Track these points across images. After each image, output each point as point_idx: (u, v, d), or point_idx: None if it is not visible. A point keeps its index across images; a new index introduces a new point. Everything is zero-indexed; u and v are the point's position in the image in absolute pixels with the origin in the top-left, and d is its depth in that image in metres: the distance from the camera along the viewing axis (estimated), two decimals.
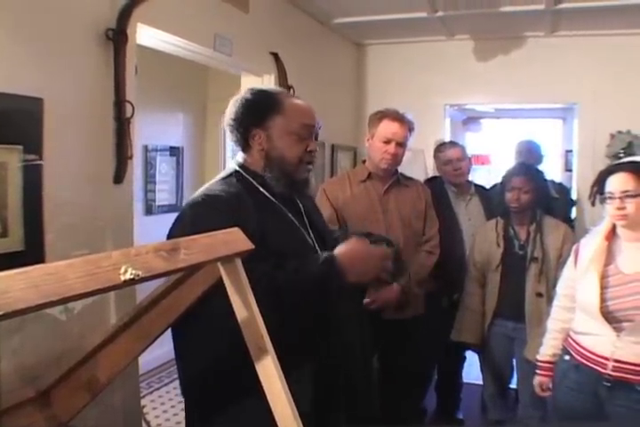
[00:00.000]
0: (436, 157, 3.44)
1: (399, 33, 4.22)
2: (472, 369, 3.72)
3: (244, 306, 1.21)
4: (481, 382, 3.13)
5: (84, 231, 2.01)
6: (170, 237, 1.51)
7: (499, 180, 2.92)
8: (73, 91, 1.97)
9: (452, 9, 3.50)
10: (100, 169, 2.09)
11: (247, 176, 1.58)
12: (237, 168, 1.62)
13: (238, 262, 1.19)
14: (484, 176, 6.98)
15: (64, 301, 0.77)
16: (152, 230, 4.18)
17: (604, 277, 1.99)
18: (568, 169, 6.10)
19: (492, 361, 2.94)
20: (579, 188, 4.18)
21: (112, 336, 1.38)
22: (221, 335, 1.38)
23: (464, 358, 3.61)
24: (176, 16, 2.42)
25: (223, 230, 1.18)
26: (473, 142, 7.34)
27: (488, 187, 3.56)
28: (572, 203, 3.99)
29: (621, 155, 3.83)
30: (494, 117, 7.19)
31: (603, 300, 1.95)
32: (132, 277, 0.86)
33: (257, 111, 1.56)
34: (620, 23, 3.73)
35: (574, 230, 3.11)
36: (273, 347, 1.15)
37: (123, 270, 0.86)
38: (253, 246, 1.20)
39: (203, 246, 1.07)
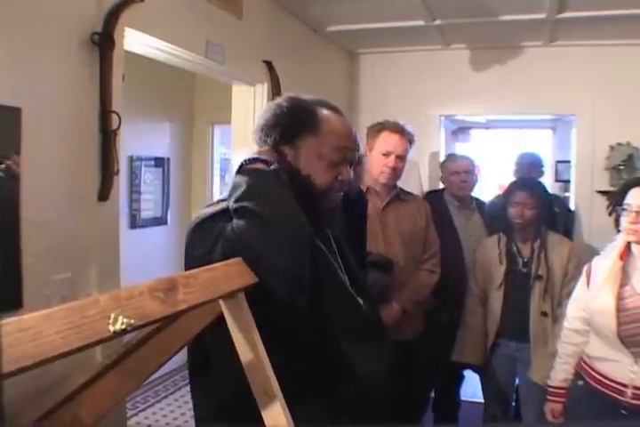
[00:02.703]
0: (443, 167, 3.40)
1: (393, 42, 4.11)
2: (468, 387, 3.65)
3: (248, 346, 1.08)
4: (479, 400, 3.03)
5: (65, 253, 1.85)
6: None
7: (487, 189, 2.86)
8: (54, 100, 1.81)
9: (451, 17, 3.39)
10: (84, 185, 1.93)
11: None
12: None
13: (241, 298, 1.05)
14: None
15: (41, 364, 0.63)
16: (137, 245, 4.09)
17: (619, 299, 1.92)
18: (558, 180, 6.05)
19: (495, 382, 2.85)
20: (577, 201, 4.10)
21: (99, 374, 1.24)
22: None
23: (462, 377, 3.53)
24: (166, 21, 2.28)
25: (224, 262, 1.05)
26: (462, 153, 7.26)
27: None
28: (571, 214, 3.90)
29: (621, 167, 3.77)
30: (484, 128, 7.12)
31: (620, 323, 1.86)
32: (123, 326, 0.72)
33: (289, 125, 1.35)
34: (619, 33, 3.65)
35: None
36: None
37: (112, 319, 0.72)
38: (257, 279, 1.07)
39: (203, 283, 0.93)
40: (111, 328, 0.71)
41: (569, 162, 5.44)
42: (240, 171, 1.26)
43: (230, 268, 1.04)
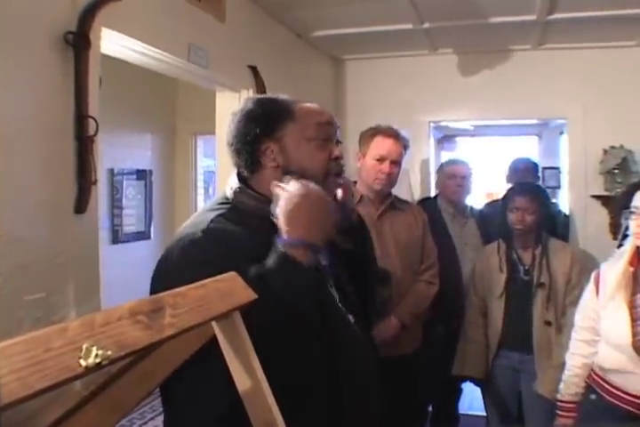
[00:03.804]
0: (440, 171, 3.35)
1: (380, 47, 4.04)
2: (465, 399, 3.60)
3: (245, 372, 0.94)
4: (476, 413, 2.92)
5: (40, 271, 1.70)
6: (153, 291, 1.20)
7: (474, 197, 2.83)
8: (25, 103, 1.68)
9: (439, 20, 3.32)
10: (59, 197, 1.78)
11: (253, 202, 1.29)
12: (232, 197, 1.30)
13: (237, 317, 0.92)
14: None
15: None
16: (120, 261, 3.93)
17: (632, 308, 1.82)
18: (545, 186, 6.02)
19: (498, 396, 2.74)
20: (571, 206, 4.02)
21: (76, 407, 1.10)
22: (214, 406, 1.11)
23: (460, 390, 3.48)
24: (146, 21, 2.15)
25: (217, 277, 0.92)
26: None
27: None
28: (566, 219, 3.82)
29: (616, 171, 3.70)
30: (469, 135, 7.07)
31: (634, 333, 1.76)
32: (98, 360, 0.59)
33: (264, 120, 1.29)
34: (608, 35, 3.61)
35: None
36: None
37: (84, 351, 0.58)
38: (256, 296, 0.95)
39: (193, 302, 0.80)
40: (83, 363, 0.58)
41: (556, 168, 5.42)
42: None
43: (223, 284, 0.91)
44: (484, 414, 2.91)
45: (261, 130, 1.28)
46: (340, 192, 1.37)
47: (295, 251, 1.12)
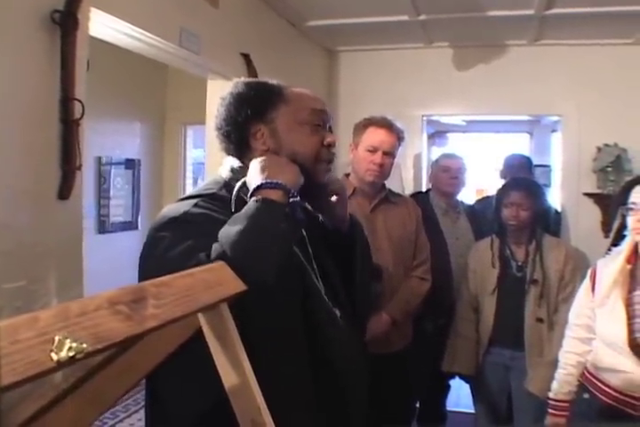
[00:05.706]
0: (434, 165, 3.29)
1: (374, 39, 3.98)
2: (451, 396, 3.55)
3: (232, 367, 0.90)
4: (463, 410, 2.89)
5: (20, 259, 1.63)
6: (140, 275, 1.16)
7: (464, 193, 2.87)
8: (7, 84, 1.61)
9: (436, 12, 3.27)
10: (42, 182, 1.71)
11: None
12: (228, 177, 1.27)
13: (224, 309, 0.87)
14: None
15: None
16: (106, 251, 3.86)
17: (629, 306, 1.79)
18: None
19: (487, 393, 2.71)
20: (563, 203, 4.00)
21: (54, 401, 1.04)
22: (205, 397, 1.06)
23: (448, 386, 3.42)
24: (136, 3, 2.08)
25: (203, 267, 0.87)
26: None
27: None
28: (558, 216, 3.80)
29: (609, 169, 3.69)
30: (461, 131, 7.06)
31: (630, 331, 1.73)
32: (71, 353, 0.53)
33: (255, 102, 1.24)
34: (604, 33, 3.59)
35: None
36: None
37: (56, 344, 0.53)
38: (246, 287, 0.90)
39: (179, 292, 0.75)
40: (54, 356, 0.52)
41: (546, 166, 5.41)
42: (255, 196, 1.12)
43: (211, 273, 0.86)
44: (472, 411, 2.89)
45: (252, 112, 1.24)
46: (334, 197, 1.33)
47: (268, 192, 1.11)
